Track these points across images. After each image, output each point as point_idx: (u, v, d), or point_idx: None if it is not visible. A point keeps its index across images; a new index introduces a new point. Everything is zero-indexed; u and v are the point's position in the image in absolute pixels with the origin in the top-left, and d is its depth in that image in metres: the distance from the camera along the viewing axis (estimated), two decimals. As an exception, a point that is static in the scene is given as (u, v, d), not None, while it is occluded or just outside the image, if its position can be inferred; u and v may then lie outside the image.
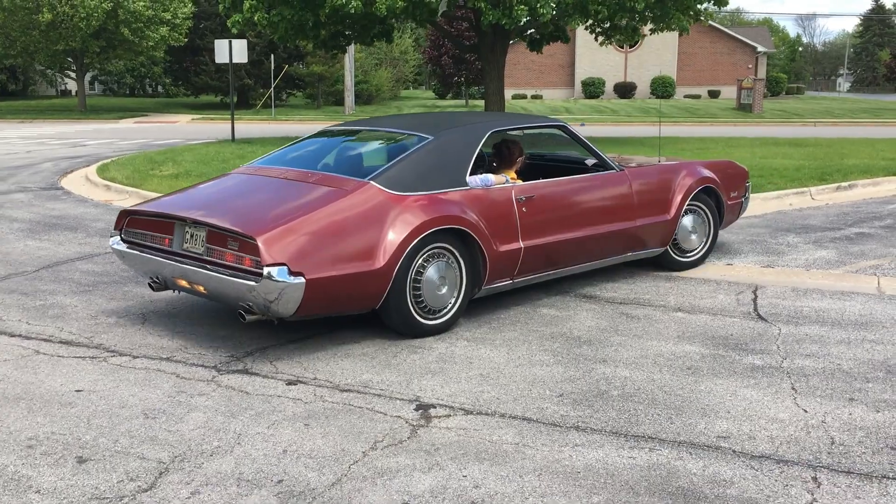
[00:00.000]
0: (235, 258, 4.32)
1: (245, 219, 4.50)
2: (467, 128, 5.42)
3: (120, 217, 5.14)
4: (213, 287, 4.42)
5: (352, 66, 36.11)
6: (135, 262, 4.98)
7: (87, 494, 2.93)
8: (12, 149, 18.87)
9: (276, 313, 4.27)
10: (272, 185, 5.04)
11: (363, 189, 4.65)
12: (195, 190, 5.48)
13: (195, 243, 4.56)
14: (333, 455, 3.25)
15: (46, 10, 30.95)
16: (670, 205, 6.12)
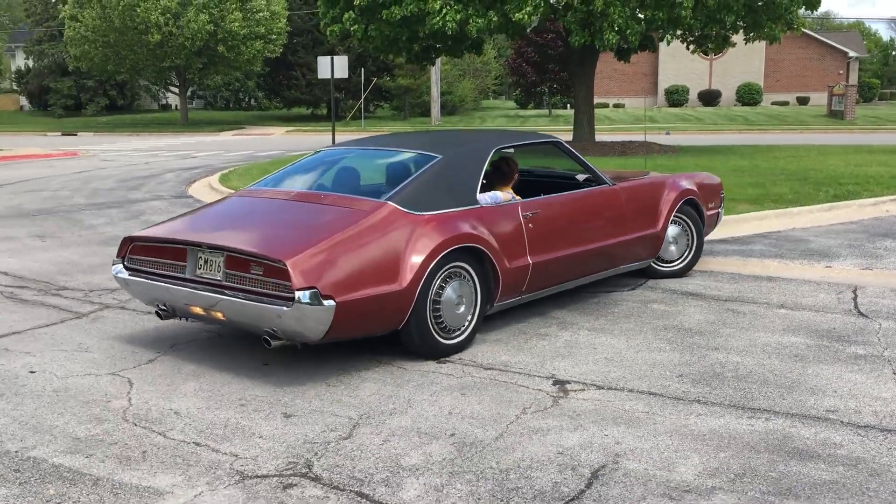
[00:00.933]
0: (260, 283, 4.27)
1: (269, 242, 4.46)
2: (473, 146, 5.49)
3: (123, 244, 5.01)
4: (235, 314, 4.35)
5: (438, 79, 37.07)
6: (141, 290, 4.87)
7: (300, 440, 3.63)
8: (131, 160, 20.33)
9: (303, 338, 4.24)
10: (285, 207, 5.00)
11: (381, 209, 4.65)
12: (202, 214, 5.33)
13: (211, 269, 4.49)
14: (491, 417, 3.87)
15: (155, 31, 32.93)
16: (658, 217, 6.32)
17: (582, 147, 18.28)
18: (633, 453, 3.45)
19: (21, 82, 49.30)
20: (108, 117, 43.53)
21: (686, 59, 49.44)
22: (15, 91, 54.41)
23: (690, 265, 6.77)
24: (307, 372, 4.50)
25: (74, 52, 35.00)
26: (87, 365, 4.67)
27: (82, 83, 44.24)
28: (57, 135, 34.64)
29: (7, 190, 13.72)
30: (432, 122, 37.64)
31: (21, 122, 42.84)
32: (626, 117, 40.42)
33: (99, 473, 3.31)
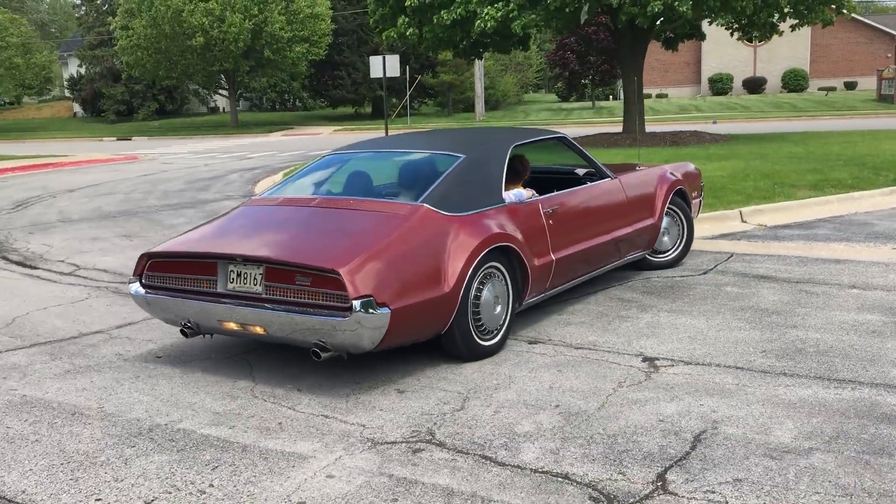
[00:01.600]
0: (308, 294, 4.14)
1: (315, 252, 4.31)
2: (492, 144, 5.49)
3: (140, 261, 4.81)
4: (280, 328, 4.21)
5: (482, 74, 37.30)
6: (164, 308, 4.67)
7: (418, 412, 3.97)
8: (190, 163, 20.98)
9: (357, 348, 4.13)
10: (315, 214, 4.81)
11: (419, 212, 4.58)
12: (223, 225, 5.05)
13: (247, 282, 4.34)
14: (590, 390, 4.16)
15: (199, 34, 33.72)
16: (655, 208, 6.45)
17: (633, 138, 18.43)
18: (729, 420, 3.72)
19: (74, 89, 50.71)
20: (159, 121, 44.64)
21: (729, 47, 48.98)
22: (68, 98, 55.98)
23: (683, 254, 6.88)
24: (409, 356, 4.84)
25: (127, 59, 35.98)
26: (206, 351, 5.07)
27: (133, 88, 45.39)
28: (112, 140, 35.69)
29: (82, 194, 14.35)
30: (476, 117, 37.91)
31: (75, 128, 44.14)
32: (670, 107, 40.22)
33: (245, 441, 3.69)
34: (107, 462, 3.52)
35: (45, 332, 5.61)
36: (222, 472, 3.39)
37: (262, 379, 4.52)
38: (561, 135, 6.26)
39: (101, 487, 3.29)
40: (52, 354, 5.08)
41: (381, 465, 3.40)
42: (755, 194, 9.79)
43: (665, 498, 3.04)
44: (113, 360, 4.93)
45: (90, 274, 7.55)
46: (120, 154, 24.69)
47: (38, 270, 7.80)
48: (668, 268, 6.76)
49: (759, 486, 3.09)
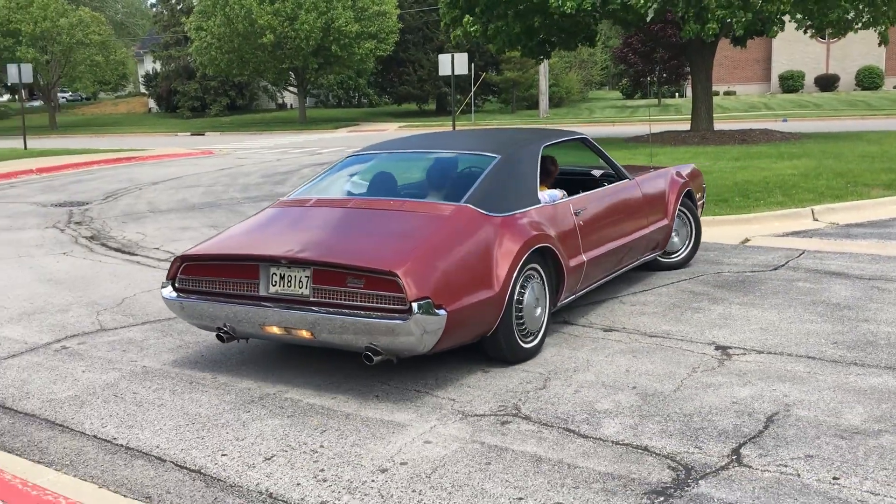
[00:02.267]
0: (361, 297, 4.05)
1: (368, 253, 4.21)
2: (524, 145, 5.43)
3: (174, 264, 4.68)
4: (329, 331, 4.10)
5: (546, 71, 37.37)
6: (200, 312, 4.55)
7: (503, 389, 4.27)
8: (264, 157, 21.68)
9: (411, 351, 4.04)
10: (356, 215, 4.75)
11: (464, 212, 4.55)
12: (259, 226, 4.94)
13: (291, 285, 4.24)
14: (665, 374, 4.41)
15: (269, 32, 34.64)
16: (668, 209, 6.48)
17: (701, 136, 18.38)
18: (801, 404, 3.93)
19: (150, 86, 52.53)
20: (230, 117, 45.93)
21: (801, 44, 47.89)
22: (143, 94, 57.99)
23: (691, 255, 6.92)
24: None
25: (202, 58, 37.19)
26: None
27: (206, 85, 46.81)
28: (187, 135, 36.92)
29: (166, 186, 15.07)
30: (540, 114, 38.00)
31: (151, 123, 45.75)
32: (738, 105, 39.60)
33: (347, 410, 4.05)
34: (227, 424, 3.93)
35: (153, 311, 6.09)
36: (330, 435, 3.76)
37: (354, 357, 4.88)
38: (583, 135, 6.27)
39: (225, 445, 3.69)
40: (162, 332, 5.55)
41: (473, 434, 3.72)
42: (828, 193, 9.81)
43: (740, 470, 3.28)
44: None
45: (185, 260, 8.06)
46: (196, 149, 25.61)
47: (136, 257, 8.36)
48: (678, 268, 6.80)
49: (829, 462, 3.31)
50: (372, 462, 3.48)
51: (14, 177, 17.15)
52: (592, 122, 33.81)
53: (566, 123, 33.50)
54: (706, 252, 7.53)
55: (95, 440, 3.80)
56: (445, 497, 3.16)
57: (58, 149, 25.52)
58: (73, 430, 3.91)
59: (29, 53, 37.08)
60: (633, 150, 16.71)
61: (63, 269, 7.79)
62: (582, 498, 3.12)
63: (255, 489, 3.28)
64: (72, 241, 9.41)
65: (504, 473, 3.34)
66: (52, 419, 4.07)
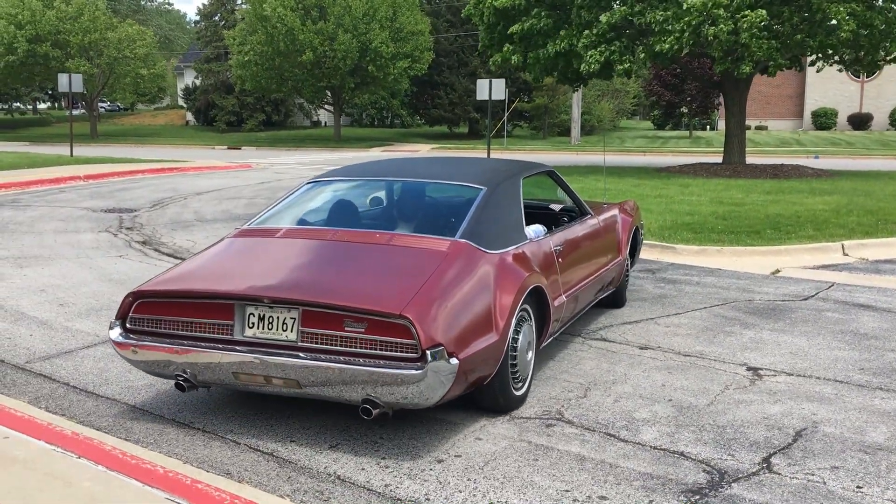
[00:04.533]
0: (362, 343, 3.62)
1: (370, 293, 3.74)
2: (505, 176, 5.05)
3: (125, 302, 4.04)
4: (322, 380, 3.63)
5: (579, 99, 37.76)
6: (153, 358, 3.95)
7: (546, 396, 4.57)
8: (301, 173, 22.20)
9: (418, 403, 3.63)
10: (339, 248, 4.26)
11: (461, 249, 4.17)
12: (222, 259, 4.38)
13: (273, 327, 3.75)
14: (699, 390, 4.69)
15: (309, 51, 35.40)
16: (621, 246, 6.44)
17: (733, 169, 18.61)
18: (828, 422, 4.19)
19: (189, 99, 53.65)
20: (265, 133, 46.78)
21: (835, 81, 47.97)
22: (181, 107, 59.20)
23: (624, 288, 6.73)
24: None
25: (242, 73, 38.04)
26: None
27: (244, 100, 47.75)
28: (223, 148, 37.72)
29: (209, 196, 15.57)
30: (572, 141, 38.36)
31: (188, 136, 46.72)
32: (770, 140, 39.70)
33: (402, 408, 4.37)
34: (292, 415, 4.26)
35: (211, 312, 6.46)
36: (388, 429, 4.08)
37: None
38: (549, 169, 5.94)
39: (293, 433, 4.03)
40: (223, 330, 5.91)
41: (520, 434, 4.02)
42: (858, 229, 10.02)
43: (770, 476, 3.56)
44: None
45: (236, 267, 8.45)
46: (234, 162, 26.25)
47: (189, 262, 8.77)
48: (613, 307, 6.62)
49: (853, 473, 3.58)
50: (429, 453, 3.79)
51: (63, 182, 17.78)
52: (623, 150, 34.09)
53: (597, 151, 33.80)
54: (738, 280, 7.79)
55: (174, 423, 4.15)
56: (497, 486, 3.47)
57: (102, 157, 26.28)
58: (153, 414, 4.27)
59: (81, 66, 38.20)
60: (666, 180, 16.98)
61: (121, 270, 8.22)
62: (624, 493, 3.41)
63: (324, 472, 3.61)
64: (126, 245, 9.86)
65: (551, 469, 3.64)
66: (133, 403, 4.43)
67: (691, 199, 13.14)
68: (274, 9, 35.14)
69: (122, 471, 3.43)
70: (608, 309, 6.62)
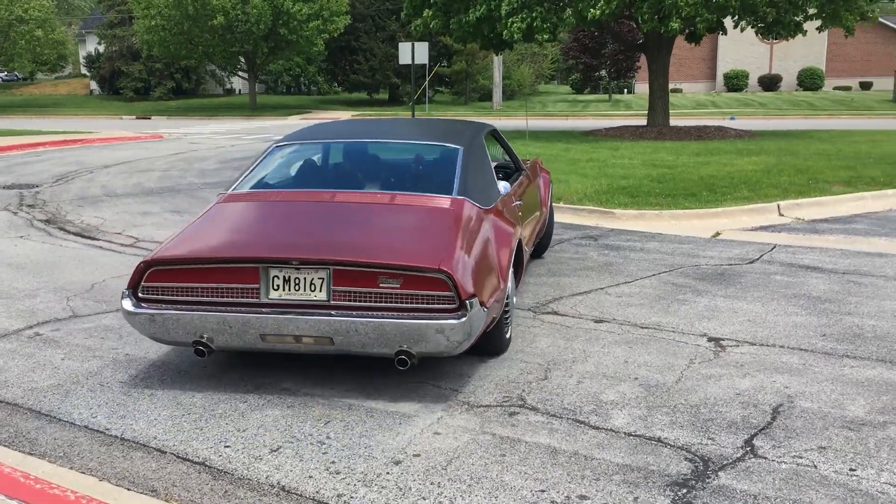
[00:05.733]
0: (397, 298, 3.74)
1: (404, 251, 3.91)
2: (472, 136, 5.32)
3: (137, 271, 3.95)
4: (357, 336, 3.74)
5: (500, 64, 37.41)
6: (176, 325, 3.89)
7: (504, 380, 4.21)
8: (218, 143, 21.20)
9: (451, 351, 3.80)
10: (350, 209, 4.43)
11: (463, 206, 4.42)
12: (232, 226, 4.38)
13: (301, 288, 3.80)
14: (664, 365, 4.41)
15: (220, 15, 33.84)
16: (545, 199, 6.82)
17: (658, 132, 18.62)
18: (803, 395, 3.96)
19: (92, 67, 50.89)
20: (176, 101, 44.83)
21: (746, 44, 48.97)
22: (84, 75, 56.19)
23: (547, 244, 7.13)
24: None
25: (148, 38, 36.14)
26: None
27: (151, 66, 45.58)
28: (132, 118, 35.90)
29: (118, 170, 14.60)
30: (494, 106, 38.05)
31: (93, 105, 44.35)
32: (686, 102, 40.30)
33: (349, 401, 3.94)
34: (225, 414, 3.78)
35: (126, 298, 5.86)
36: (335, 426, 3.65)
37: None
38: (494, 127, 6.20)
39: (227, 436, 3.55)
40: (140, 318, 5.34)
41: (483, 426, 3.65)
42: (791, 189, 10.01)
43: (757, 461, 3.29)
44: (200, 326, 5.18)
45: (151, 246, 7.79)
46: (144, 132, 24.91)
47: (98, 241, 8.05)
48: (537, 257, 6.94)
49: (843, 454, 3.34)
50: (384, 454, 3.38)
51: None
52: (546, 115, 34.00)
53: (519, 116, 33.62)
54: (681, 245, 7.60)
55: (87, 430, 3.62)
56: (465, 490, 3.09)
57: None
58: (62, 421, 3.73)
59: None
60: (594, 144, 16.83)
61: (23, 253, 7.46)
62: (605, 490, 3.08)
63: (266, 482, 3.16)
64: (27, 224, 9.03)
65: (521, 465, 3.28)
66: (38, 409, 3.86)
67: (623, 163, 12.98)
68: (181, -30, 33.39)
69: (25, 499, 2.90)
70: (552, 277, 6.32)
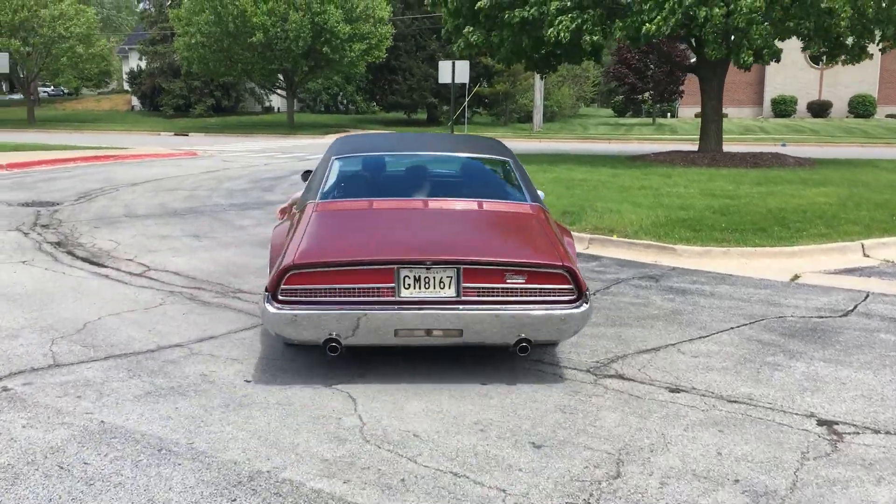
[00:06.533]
0: (523, 292, 4.17)
1: (526, 250, 4.36)
2: (505, 148, 5.89)
3: (278, 275, 4.14)
4: (485, 327, 4.12)
5: (541, 85, 36.60)
6: (316, 323, 4.11)
7: (565, 476, 3.30)
8: (251, 161, 20.62)
9: (566, 337, 4.36)
10: (451, 215, 4.85)
11: (540, 211, 5.01)
12: (351, 232, 4.61)
13: (431, 286, 4.15)
14: (769, 461, 3.46)
15: (259, 32, 33.51)
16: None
17: (711, 158, 17.59)
18: (965, 517, 3.00)
19: (133, 83, 51.17)
20: (215, 119, 44.73)
21: (794, 69, 47.62)
22: (126, 91, 56.59)
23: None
24: (527, 393, 4.19)
25: (188, 55, 35.99)
26: (299, 376, 4.47)
27: (191, 84, 45.59)
28: (170, 135, 35.72)
29: (146, 188, 14.00)
30: (534, 128, 37.20)
31: (133, 121, 44.45)
32: (733, 127, 39.04)
33: (365, 502, 3.06)
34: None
35: (119, 342, 5.07)
36: (347, 545, 2.77)
37: (370, 416, 3.91)
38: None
39: (204, 558, 2.69)
40: (129, 370, 4.53)
41: (541, 551, 2.75)
42: (873, 226, 8.96)
43: None
44: (197, 382, 4.36)
45: (162, 276, 7.04)
46: (179, 149, 24.47)
47: (106, 269, 7.32)
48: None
49: None
50: None
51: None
52: (587, 137, 33.05)
53: (560, 139, 32.71)
54: (757, 290, 6.63)
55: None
56: None
57: (34, 143, 24.32)
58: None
59: (10, 45, 35.64)
60: (644, 170, 15.84)
61: (20, 281, 6.74)
62: None
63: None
64: (35, 247, 8.35)
65: None
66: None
67: (679, 191, 11.98)
68: (223, -12, 33.18)
69: None
70: (612, 327, 5.41)
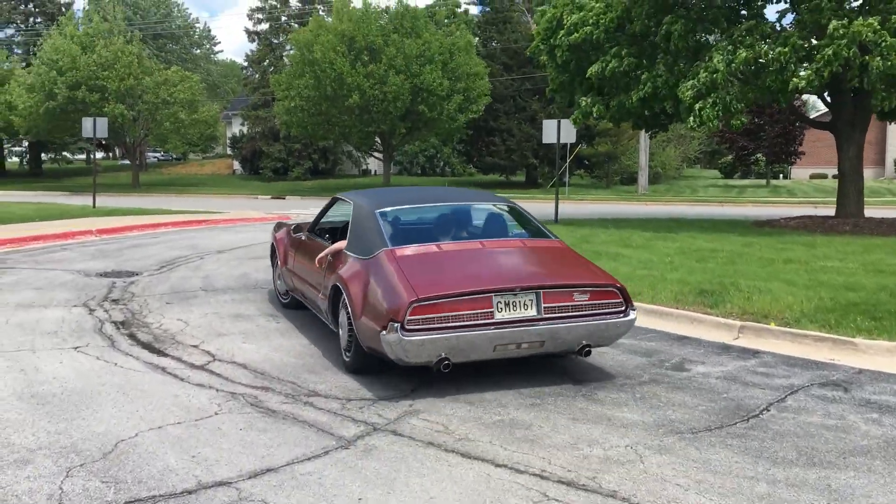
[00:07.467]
0: (587, 308, 5.37)
1: (586, 275, 5.65)
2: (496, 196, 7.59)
3: (404, 307, 5.03)
4: (561, 337, 5.29)
5: (647, 146, 35.02)
6: (435, 346, 5.03)
7: None
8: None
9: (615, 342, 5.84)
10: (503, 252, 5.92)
11: (565, 246, 6.23)
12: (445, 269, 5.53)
13: (517, 308, 5.21)
14: None
15: (356, 94, 33.29)
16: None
17: (854, 224, 15.61)
18: None
19: (235, 147, 52.29)
20: (311, 182, 44.94)
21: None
22: (229, 156, 58.00)
23: None
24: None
25: (287, 119, 36.20)
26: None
27: (290, 147, 46.07)
28: (267, 198, 35.77)
29: (231, 255, 13.18)
30: (639, 190, 35.48)
31: (233, 185, 45.13)
32: (857, 189, 36.17)
33: None
34: None
35: (150, 475, 3.86)
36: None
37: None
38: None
39: None
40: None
41: None
42: None
43: None
44: (238, 558, 3.05)
45: (225, 370, 5.89)
46: (274, 213, 24.02)
47: (165, 359, 6.23)
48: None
49: None
50: None
51: (71, 237, 15.60)
52: (697, 200, 31.10)
53: (668, 201, 30.91)
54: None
55: None
56: None
57: (129, 208, 24.30)
58: None
59: (117, 109, 36.67)
60: (779, 238, 13.98)
61: (63, 375, 5.70)
62: None
63: None
64: (95, 328, 7.39)
65: None
66: None
67: (835, 266, 10.15)
68: (324, 53, 33.31)
69: None
70: (813, 470, 3.83)
